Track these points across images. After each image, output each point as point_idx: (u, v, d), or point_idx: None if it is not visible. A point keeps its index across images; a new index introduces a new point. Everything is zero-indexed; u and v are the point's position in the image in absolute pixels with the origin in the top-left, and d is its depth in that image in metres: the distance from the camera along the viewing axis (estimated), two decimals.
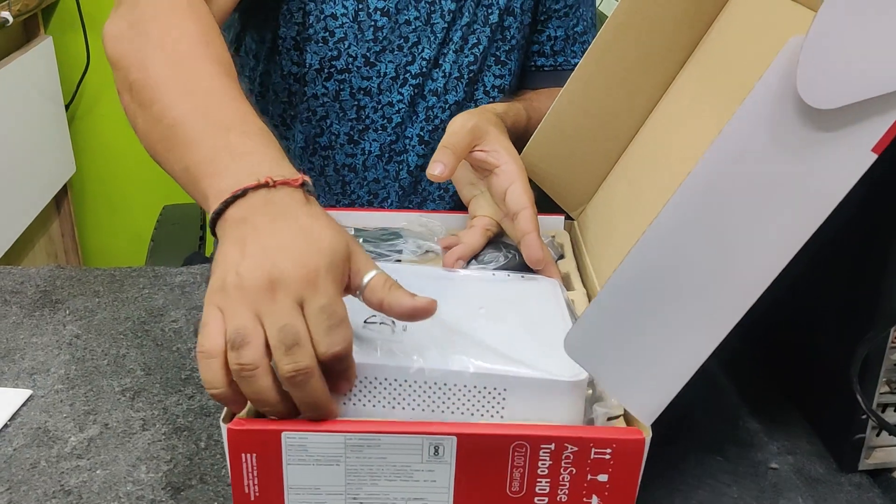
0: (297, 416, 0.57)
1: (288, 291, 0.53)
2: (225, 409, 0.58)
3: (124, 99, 0.74)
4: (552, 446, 0.58)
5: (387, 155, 1.06)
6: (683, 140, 0.77)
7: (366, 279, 0.58)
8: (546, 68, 1.14)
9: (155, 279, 0.94)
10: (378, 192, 1.07)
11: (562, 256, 0.84)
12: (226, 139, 0.63)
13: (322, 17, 1.00)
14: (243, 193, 0.58)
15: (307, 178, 0.60)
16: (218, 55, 0.72)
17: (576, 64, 1.12)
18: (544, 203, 0.95)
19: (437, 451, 0.58)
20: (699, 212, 0.56)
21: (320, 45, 1.01)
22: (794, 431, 0.74)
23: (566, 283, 0.80)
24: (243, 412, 0.58)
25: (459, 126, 0.79)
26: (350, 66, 1.01)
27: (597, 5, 1.69)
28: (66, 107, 2.10)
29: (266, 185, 0.58)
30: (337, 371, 0.56)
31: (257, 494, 0.59)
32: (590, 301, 0.76)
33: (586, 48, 1.13)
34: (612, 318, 0.59)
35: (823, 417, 0.73)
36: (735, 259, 0.57)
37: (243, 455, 0.57)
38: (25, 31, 1.95)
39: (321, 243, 0.56)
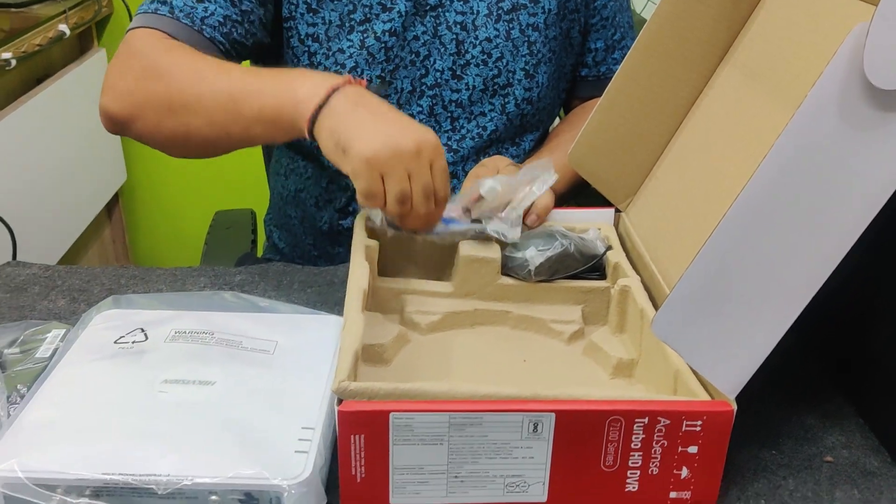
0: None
1: (427, 155, 0.75)
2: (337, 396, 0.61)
3: (164, 125, 0.90)
4: (646, 420, 0.61)
5: None
6: (731, 129, 0.79)
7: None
8: (590, 78, 1.18)
9: (215, 278, 0.97)
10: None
11: (609, 247, 0.86)
12: (280, 75, 0.84)
13: (331, 53, 1.03)
14: (337, 89, 0.78)
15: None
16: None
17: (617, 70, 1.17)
18: (592, 197, 0.97)
19: (536, 427, 0.61)
20: (774, 196, 0.59)
21: None
22: (849, 426, 0.76)
23: (616, 273, 0.83)
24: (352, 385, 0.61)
25: (471, 177, 0.97)
26: (367, 89, 1.05)
27: (639, 11, 1.72)
28: None
29: (350, 83, 0.79)
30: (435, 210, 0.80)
31: (363, 476, 0.62)
32: (646, 288, 0.79)
33: (626, 53, 1.16)
34: (695, 300, 0.61)
35: (878, 412, 0.75)
36: (808, 238, 0.60)
37: (352, 437, 0.60)
38: (80, 44, 2.01)
39: (424, 126, 0.77)
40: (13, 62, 1.57)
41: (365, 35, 1.02)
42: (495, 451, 0.62)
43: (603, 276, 0.85)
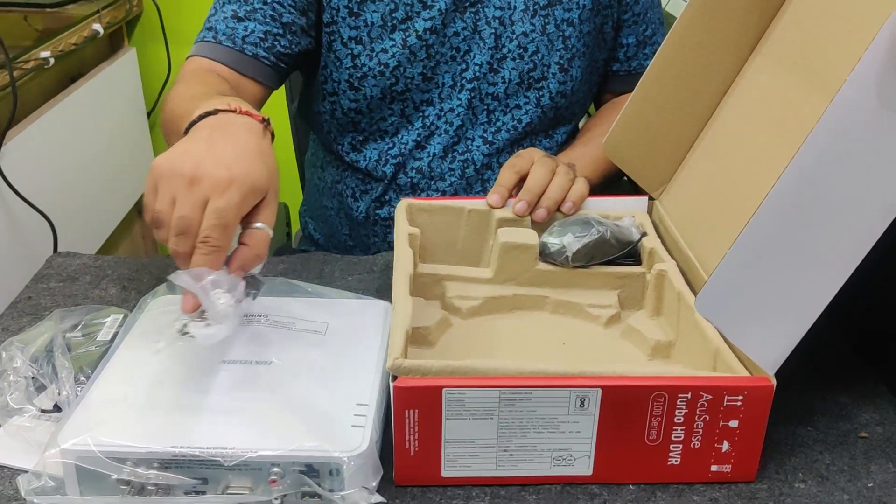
0: None
1: (204, 188, 0.65)
2: (391, 372, 0.64)
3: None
4: (689, 395, 0.64)
5: (450, 155, 1.12)
6: (765, 117, 0.81)
7: (257, 224, 0.69)
8: (621, 73, 1.20)
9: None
10: (445, 189, 1.14)
11: (644, 234, 0.88)
12: (202, 101, 0.77)
13: (374, 54, 1.06)
14: (214, 112, 0.73)
15: (269, 120, 0.75)
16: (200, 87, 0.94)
17: (648, 65, 1.19)
18: (627, 185, 0.99)
19: (583, 402, 0.63)
20: (813, 179, 0.61)
21: (377, 78, 1.07)
22: (882, 404, 0.78)
23: (652, 258, 0.85)
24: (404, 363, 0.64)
25: (507, 167, 0.94)
26: (409, 85, 1.08)
27: (663, 6, 1.74)
28: (148, 114, 2.19)
29: (234, 111, 0.73)
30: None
31: (417, 449, 0.65)
32: (682, 271, 0.81)
33: (656, 48, 1.18)
34: (737, 280, 0.64)
35: None
36: (845, 221, 0.62)
37: (406, 411, 0.63)
38: (111, 44, 2.04)
39: (250, 166, 0.68)
40: (51, 61, 1.61)
41: (407, 34, 1.05)
42: (543, 426, 0.65)
43: (638, 262, 0.87)
